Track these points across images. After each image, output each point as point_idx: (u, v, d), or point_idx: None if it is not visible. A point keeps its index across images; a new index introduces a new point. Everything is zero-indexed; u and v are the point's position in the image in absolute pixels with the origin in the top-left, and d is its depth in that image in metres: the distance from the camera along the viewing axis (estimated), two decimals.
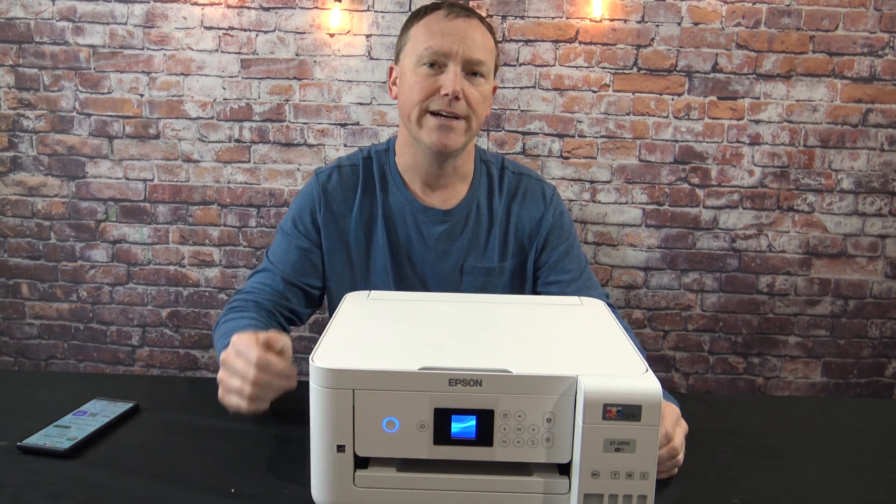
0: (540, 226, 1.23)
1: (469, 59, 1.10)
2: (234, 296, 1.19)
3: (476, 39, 1.11)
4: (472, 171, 1.24)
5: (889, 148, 2.47)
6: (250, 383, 0.84)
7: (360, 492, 0.71)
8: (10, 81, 2.48)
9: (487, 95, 1.16)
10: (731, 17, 2.40)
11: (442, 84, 1.09)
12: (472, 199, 1.22)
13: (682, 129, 2.47)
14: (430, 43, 1.10)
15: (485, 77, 1.13)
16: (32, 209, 2.56)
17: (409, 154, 1.20)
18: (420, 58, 1.11)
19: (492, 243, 1.21)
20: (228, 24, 2.44)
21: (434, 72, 1.10)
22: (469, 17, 1.13)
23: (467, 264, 1.20)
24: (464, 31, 1.10)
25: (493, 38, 1.17)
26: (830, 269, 2.54)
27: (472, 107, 1.12)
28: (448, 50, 1.09)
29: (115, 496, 0.77)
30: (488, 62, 1.13)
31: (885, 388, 2.62)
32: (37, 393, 1.06)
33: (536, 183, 1.26)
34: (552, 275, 1.22)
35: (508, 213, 1.23)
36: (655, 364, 2.59)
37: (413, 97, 1.12)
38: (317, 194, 1.21)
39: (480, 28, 1.14)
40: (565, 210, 1.28)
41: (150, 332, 2.63)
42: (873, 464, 0.90)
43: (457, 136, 1.12)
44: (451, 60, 1.09)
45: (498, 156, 1.29)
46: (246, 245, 2.57)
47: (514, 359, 0.72)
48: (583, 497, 0.68)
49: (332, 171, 1.22)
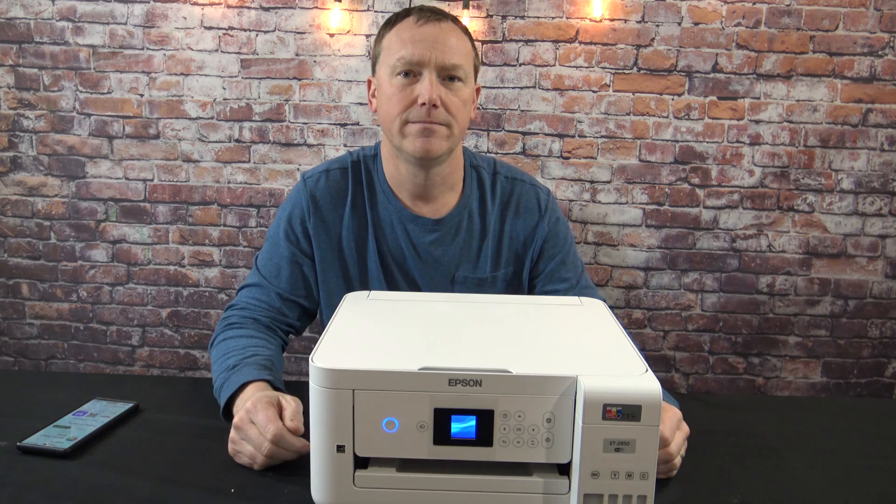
0: (535, 235, 1.20)
1: (443, 64, 1.06)
2: (228, 311, 1.16)
3: (450, 43, 1.08)
4: (461, 179, 1.20)
5: (889, 148, 2.47)
6: (263, 455, 0.83)
7: (360, 492, 0.71)
8: (10, 81, 2.48)
9: (468, 99, 1.12)
10: (731, 17, 2.40)
11: (418, 94, 1.06)
12: (463, 208, 1.19)
13: (683, 129, 2.47)
14: (402, 52, 1.06)
15: (463, 81, 1.10)
16: (32, 209, 2.56)
17: (393, 167, 1.17)
18: (394, 68, 1.08)
19: (484, 254, 1.19)
20: (228, 24, 2.44)
21: (409, 81, 1.07)
22: (440, 20, 1.09)
23: (459, 274, 1.18)
24: (435, 37, 1.07)
25: (469, 39, 1.13)
26: (830, 269, 2.54)
27: (452, 113, 1.08)
28: (420, 58, 1.06)
29: (115, 496, 0.77)
30: (465, 65, 1.09)
31: (885, 388, 2.62)
32: (37, 393, 1.06)
33: (531, 189, 1.22)
34: (549, 284, 1.20)
35: (502, 222, 1.20)
36: (655, 364, 2.59)
37: (391, 110, 1.09)
38: (305, 202, 1.17)
39: (454, 31, 1.10)
40: (561, 216, 1.25)
41: (150, 332, 2.63)
42: (873, 464, 0.90)
43: (439, 140, 1.08)
44: (426, 68, 1.06)
45: (489, 159, 1.25)
46: (246, 245, 2.57)
47: (514, 359, 0.72)
48: (583, 497, 0.68)
49: (319, 176, 1.19)
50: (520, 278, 1.22)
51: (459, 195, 1.20)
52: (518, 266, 1.21)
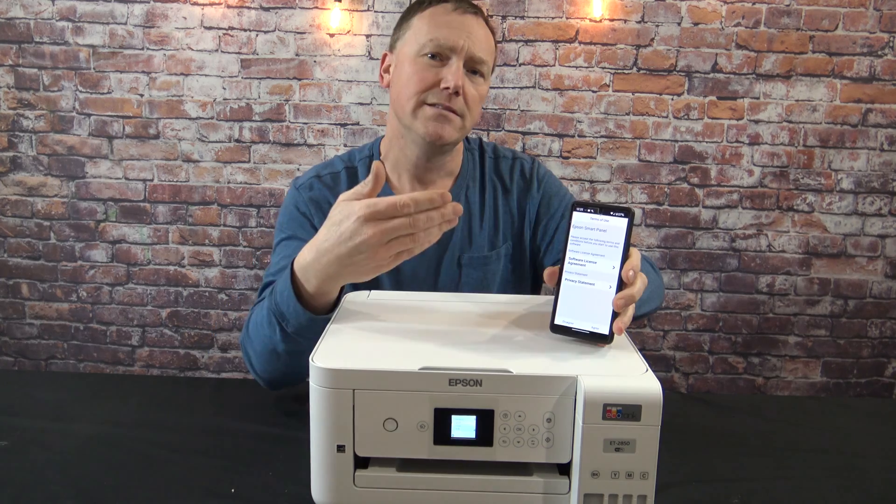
0: (527, 205, 1.21)
1: (473, 55, 1.08)
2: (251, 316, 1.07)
3: (481, 37, 1.10)
4: (458, 166, 1.22)
5: (889, 148, 2.47)
6: None
7: (360, 492, 0.71)
8: (10, 81, 2.48)
9: (483, 96, 1.14)
10: (730, 17, 2.40)
11: (443, 77, 1.07)
12: (460, 191, 1.20)
13: (682, 129, 2.47)
14: (436, 34, 1.07)
15: (484, 77, 1.12)
16: (32, 209, 2.56)
17: (397, 147, 1.17)
18: (422, 48, 1.08)
19: (484, 233, 1.20)
20: (228, 24, 2.44)
21: (436, 63, 1.08)
22: (476, 14, 1.12)
23: (464, 257, 1.19)
24: (470, 27, 1.09)
25: (494, 38, 1.16)
26: (830, 269, 2.54)
27: (469, 105, 1.10)
28: (454, 43, 1.07)
29: (116, 496, 0.77)
30: (489, 62, 1.12)
31: (885, 387, 2.62)
32: (37, 393, 1.06)
33: (516, 162, 1.24)
34: (556, 247, 1.20)
35: (495, 200, 1.21)
36: (655, 364, 2.59)
37: (410, 87, 1.09)
38: (303, 202, 1.16)
39: (485, 28, 1.13)
40: (551, 179, 1.25)
41: (150, 332, 2.63)
42: (873, 464, 0.90)
43: (452, 129, 1.09)
44: (455, 55, 1.07)
45: (476, 139, 1.26)
46: (246, 245, 2.57)
47: (514, 359, 0.72)
48: (583, 497, 0.68)
49: (311, 182, 1.17)
50: (521, 251, 1.22)
51: (455, 179, 1.21)
52: (517, 240, 1.22)
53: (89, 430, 0.92)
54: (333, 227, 0.79)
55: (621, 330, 0.75)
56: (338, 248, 0.79)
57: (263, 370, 0.97)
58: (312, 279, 0.85)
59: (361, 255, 0.78)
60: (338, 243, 0.79)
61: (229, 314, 2.60)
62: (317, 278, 0.85)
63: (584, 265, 0.77)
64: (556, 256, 1.19)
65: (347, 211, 0.78)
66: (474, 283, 1.18)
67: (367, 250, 0.78)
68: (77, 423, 0.94)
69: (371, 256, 0.78)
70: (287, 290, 0.88)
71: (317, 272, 0.84)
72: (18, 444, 0.88)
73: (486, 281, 1.19)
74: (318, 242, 0.83)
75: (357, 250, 0.78)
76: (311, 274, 0.85)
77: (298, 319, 0.88)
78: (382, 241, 0.77)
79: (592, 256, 0.77)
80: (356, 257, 0.79)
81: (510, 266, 1.22)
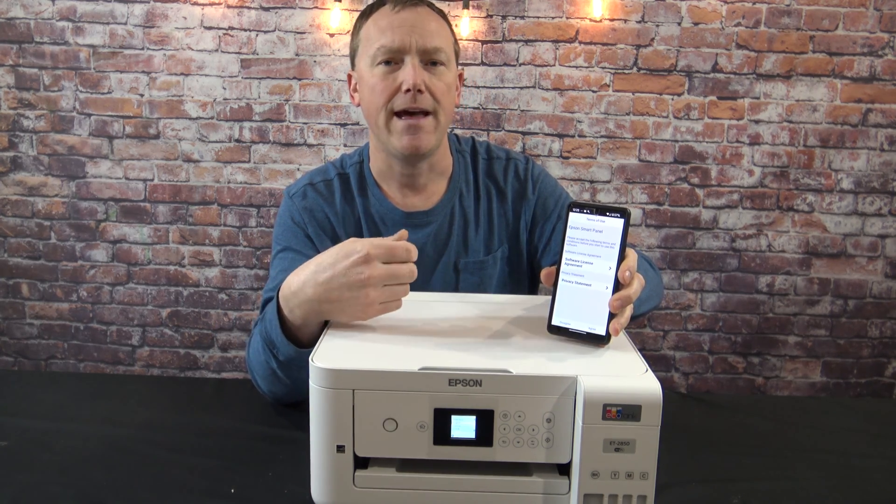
0: (522, 208, 1.20)
1: (424, 48, 1.05)
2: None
3: (429, 28, 1.07)
4: (450, 164, 1.19)
5: (889, 148, 2.47)
6: None
7: (360, 492, 0.71)
8: (10, 81, 2.48)
9: (452, 84, 1.11)
10: (731, 17, 2.40)
11: (402, 80, 1.05)
12: (453, 195, 1.18)
13: (682, 129, 2.47)
14: (382, 40, 1.05)
15: (445, 65, 1.08)
16: (32, 209, 2.56)
17: (381, 160, 1.16)
18: (374, 58, 1.06)
19: (479, 238, 1.19)
20: (228, 24, 2.44)
21: (391, 69, 1.06)
22: (416, 5, 1.08)
23: (461, 262, 1.18)
24: (413, 22, 1.06)
25: (447, 22, 1.12)
26: (830, 269, 2.54)
27: (437, 98, 1.07)
28: (401, 44, 1.04)
29: (115, 496, 0.77)
30: (446, 49, 1.08)
31: (885, 387, 2.62)
32: (37, 393, 1.06)
33: (510, 163, 1.21)
34: (552, 247, 1.19)
35: (490, 204, 1.20)
36: (655, 364, 2.59)
37: (375, 100, 1.07)
38: (297, 211, 1.15)
39: (432, 15, 1.09)
40: (544, 179, 1.22)
41: (150, 332, 2.63)
42: (873, 464, 0.90)
43: (427, 135, 1.07)
44: (407, 54, 1.05)
45: (468, 140, 1.24)
46: (246, 245, 2.57)
47: (514, 359, 0.72)
48: (583, 497, 0.68)
49: (304, 190, 1.17)
50: (518, 253, 1.21)
51: (448, 180, 1.19)
52: (513, 242, 1.21)
53: (89, 430, 0.92)
54: (339, 256, 0.81)
55: (618, 331, 0.75)
56: (333, 277, 0.81)
57: (269, 390, 0.99)
58: (296, 310, 0.86)
59: (353, 291, 0.80)
60: (335, 273, 0.81)
61: (230, 314, 2.60)
62: (300, 309, 0.86)
63: (580, 266, 0.77)
64: (553, 257, 1.18)
65: (358, 245, 0.80)
66: (471, 288, 1.18)
67: (362, 288, 0.80)
68: (77, 423, 0.94)
69: (362, 295, 0.80)
70: (274, 321, 0.90)
71: (301, 303, 0.85)
72: (18, 444, 0.88)
73: (483, 284, 1.19)
74: (311, 266, 0.84)
75: (354, 285, 0.80)
76: (294, 304, 0.86)
77: (287, 351, 0.90)
78: (381, 283, 0.80)
79: (589, 257, 0.77)
80: (347, 293, 0.81)
81: (507, 269, 1.21)
